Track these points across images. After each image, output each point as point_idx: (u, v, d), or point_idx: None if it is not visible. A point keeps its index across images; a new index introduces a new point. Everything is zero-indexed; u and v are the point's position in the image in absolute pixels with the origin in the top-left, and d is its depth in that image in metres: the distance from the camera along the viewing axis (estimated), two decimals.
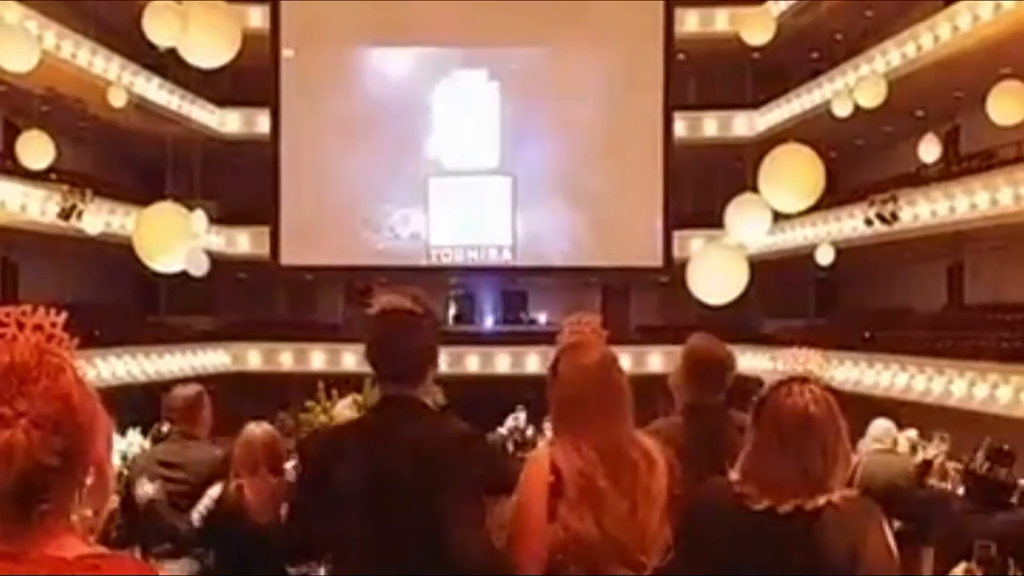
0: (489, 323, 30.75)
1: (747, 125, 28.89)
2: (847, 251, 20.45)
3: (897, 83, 15.92)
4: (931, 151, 15.41)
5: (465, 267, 28.71)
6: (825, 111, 17.66)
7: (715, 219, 9.80)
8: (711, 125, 29.22)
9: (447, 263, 28.45)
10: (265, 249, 28.32)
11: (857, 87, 14.05)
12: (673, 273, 24.51)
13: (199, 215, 14.44)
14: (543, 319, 30.77)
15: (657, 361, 26.26)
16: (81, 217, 20.00)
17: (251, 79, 25.64)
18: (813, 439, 2.72)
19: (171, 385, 6.06)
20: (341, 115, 27.64)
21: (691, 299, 7.22)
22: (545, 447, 3.30)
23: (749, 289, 6.96)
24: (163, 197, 10.64)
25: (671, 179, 27.96)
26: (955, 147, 22.60)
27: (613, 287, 30.24)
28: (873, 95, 13.45)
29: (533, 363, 25.86)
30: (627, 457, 3.07)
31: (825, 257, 17.83)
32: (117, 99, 17.00)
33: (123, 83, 21.43)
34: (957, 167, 22.03)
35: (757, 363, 19.32)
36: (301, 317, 30.66)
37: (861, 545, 2.65)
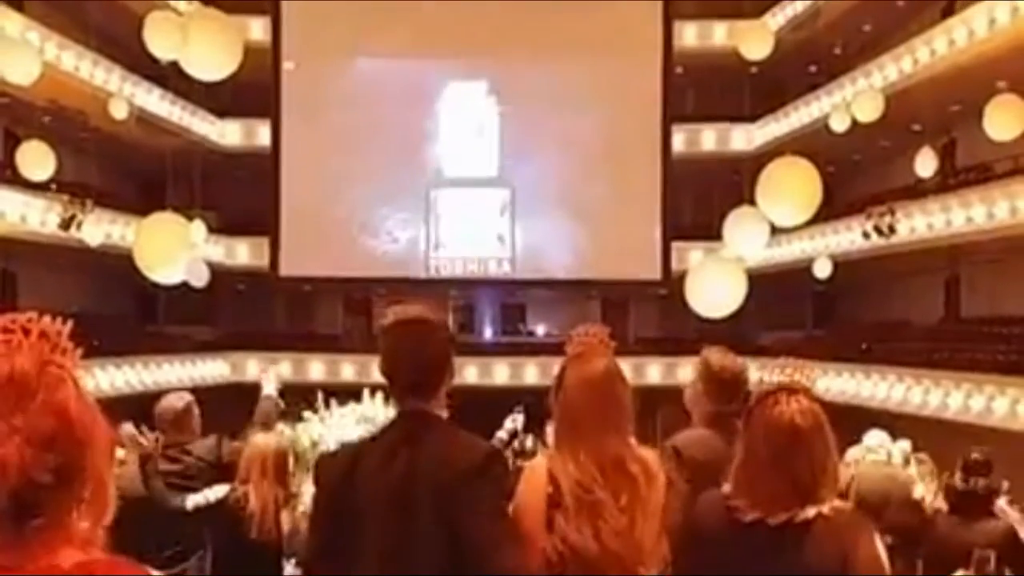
0: (488, 334, 30.79)
1: (745, 139, 28.98)
2: (844, 264, 20.49)
3: (894, 97, 16.00)
4: (927, 165, 15.44)
5: (464, 280, 28.81)
6: (823, 125, 17.73)
7: (713, 231, 9.86)
8: (709, 139, 29.30)
9: (446, 275, 28.54)
10: (264, 260, 28.39)
11: (854, 101, 14.11)
12: (671, 286, 24.57)
13: (198, 225, 14.48)
14: (542, 331, 30.82)
15: (656, 372, 26.40)
16: (81, 227, 20.03)
17: (252, 91, 25.70)
18: (801, 451, 2.76)
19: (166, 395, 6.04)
20: (341, 126, 27.71)
21: (690, 311, 7.25)
22: (543, 457, 3.32)
23: (747, 302, 6.98)
24: (163, 207, 10.65)
25: (669, 192, 28.05)
26: (952, 161, 22.66)
27: (612, 299, 30.29)
28: (870, 110, 13.50)
29: (532, 374, 25.96)
30: (626, 470, 3.08)
31: (822, 270, 17.86)
32: (119, 111, 17.03)
33: (124, 94, 21.49)
34: (954, 180, 22.10)
35: (755, 375, 19.32)
36: (300, 327, 30.70)
37: (852, 557, 2.67)
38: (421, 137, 28.41)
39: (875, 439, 8.85)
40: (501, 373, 27.26)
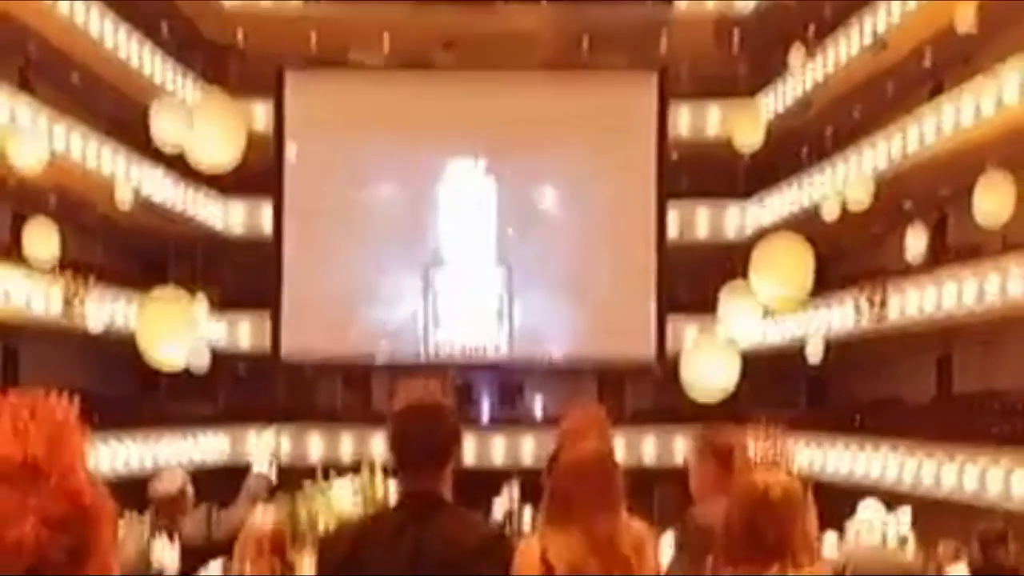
0: (485, 411, 30.85)
1: (738, 221, 29.40)
2: (837, 343, 20.65)
3: (884, 181, 16.22)
4: (917, 245, 15.64)
5: (463, 363, 29.00)
6: (814, 207, 17.97)
7: (708, 307, 9.97)
8: (703, 221, 29.74)
9: (444, 354, 28.78)
10: (265, 339, 28.60)
11: (846, 187, 14.38)
12: (667, 364, 24.71)
13: (200, 300, 14.58)
14: (539, 407, 30.89)
15: (652, 446, 26.56)
16: (84, 305, 20.22)
17: (255, 172, 26.00)
18: (772, 517, 2.87)
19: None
20: (343, 208, 28.25)
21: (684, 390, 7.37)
22: (535, 536, 3.38)
23: (741, 380, 7.08)
24: (165, 285, 10.78)
25: (664, 273, 28.45)
26: (942, 240, 22.87)
27: (608, 377, 30.43)
28: (861, 196, 13.78)
29: (528, 450, 26.08)
30: (617, 550, 3.13)
31: (815, 349, 18.03)
32: (124, 196, 17.30)
33: (130, 177, 21.78)
34: (944, 259, 22.26)
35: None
36: (299, 403, 30.73)
37: None
38: (420, 216, 28.86)
39: (870, 510, 8.90)
40: (498, 448, 27.34)
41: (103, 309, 19.59)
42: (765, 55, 27.71)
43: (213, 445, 27.10)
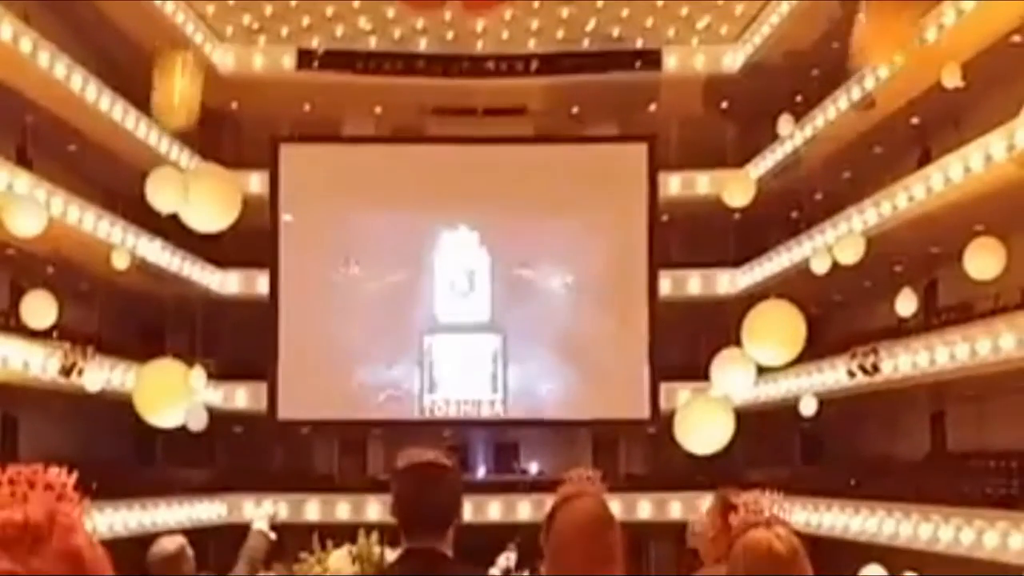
0: (481, 473, 30.86)
1: (729, 283, 29.60)
2: (830, 401, 20.69)
3: (875, 241, 16.30)
4: (908, 306, 15.71)
5: (458, 421, 29.21)
6: (805, 268, 18.05)
7: (700, 372, 10.06)
8: (695, 283, 30.01)
9: (440, 416, 28.95)
10: (261, 403, 28.73)
11: (836, 244, 14.50)
12: (660, 424, 24.76)
13: (199, 371, 14.70)
14: (534, 468, 30.88)
15: (647, 508, 26.53)
16: (82, 374, 20.28)
17: (251, 240, 26.20)
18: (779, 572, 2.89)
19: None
20: (337, 274, 28.61)
21: (679, 448, 7.40)
22: None
23: (735, 438, 7.12)
24: (163, 354, 10.89)
25: (656, 334, 28.67)
26: (934, 300, 23.00)
27: (603, 436, 30.50)
28: (852, 253, 13.91)
29: (524, 510, 26.10)
30: None
31: (808, 408, 18.07)
32: (120, 262, 17.42)
33: (126, 245, 21.89)
34: (936, 319, 22.38)
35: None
36: (296, 467, 30.70)
37: None
38: (415, 284, 29.21)
39: (873, 573, 8.91)
40: (494, 510, 27.33)
41: (101, 378, 19.60)
42: (754, 118, 27.63)
43: (210, 511, 27.02)
